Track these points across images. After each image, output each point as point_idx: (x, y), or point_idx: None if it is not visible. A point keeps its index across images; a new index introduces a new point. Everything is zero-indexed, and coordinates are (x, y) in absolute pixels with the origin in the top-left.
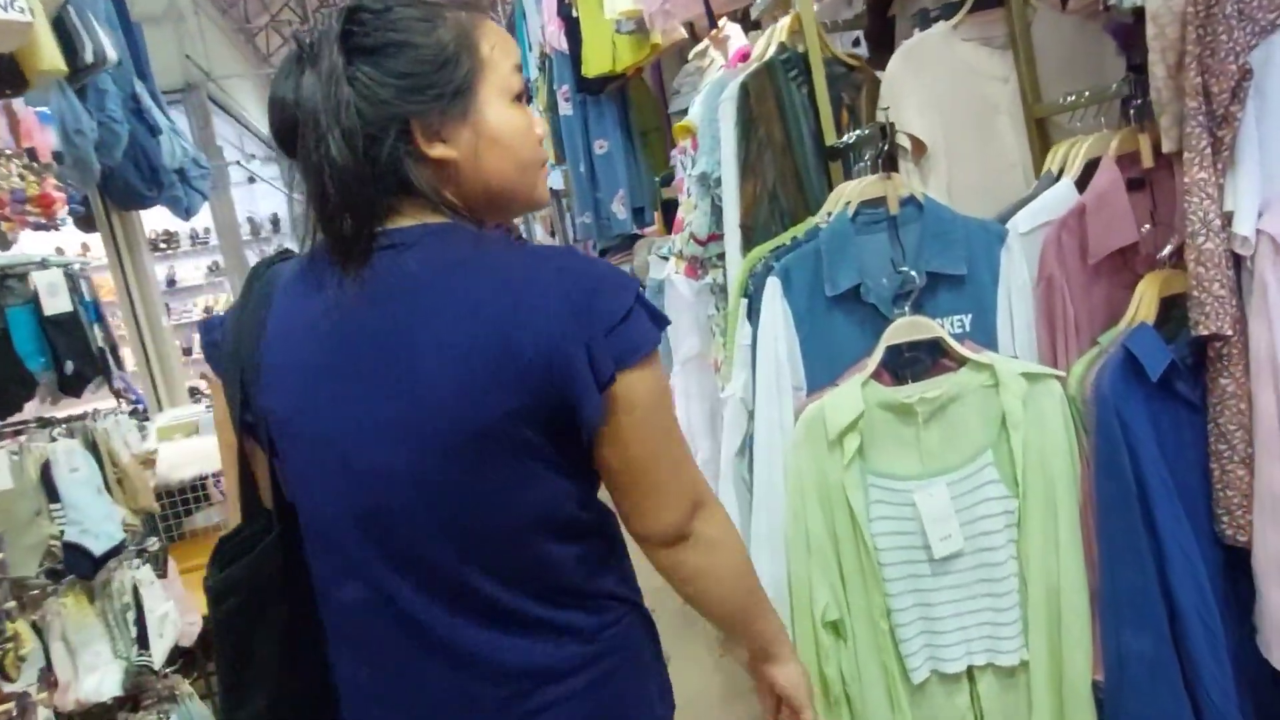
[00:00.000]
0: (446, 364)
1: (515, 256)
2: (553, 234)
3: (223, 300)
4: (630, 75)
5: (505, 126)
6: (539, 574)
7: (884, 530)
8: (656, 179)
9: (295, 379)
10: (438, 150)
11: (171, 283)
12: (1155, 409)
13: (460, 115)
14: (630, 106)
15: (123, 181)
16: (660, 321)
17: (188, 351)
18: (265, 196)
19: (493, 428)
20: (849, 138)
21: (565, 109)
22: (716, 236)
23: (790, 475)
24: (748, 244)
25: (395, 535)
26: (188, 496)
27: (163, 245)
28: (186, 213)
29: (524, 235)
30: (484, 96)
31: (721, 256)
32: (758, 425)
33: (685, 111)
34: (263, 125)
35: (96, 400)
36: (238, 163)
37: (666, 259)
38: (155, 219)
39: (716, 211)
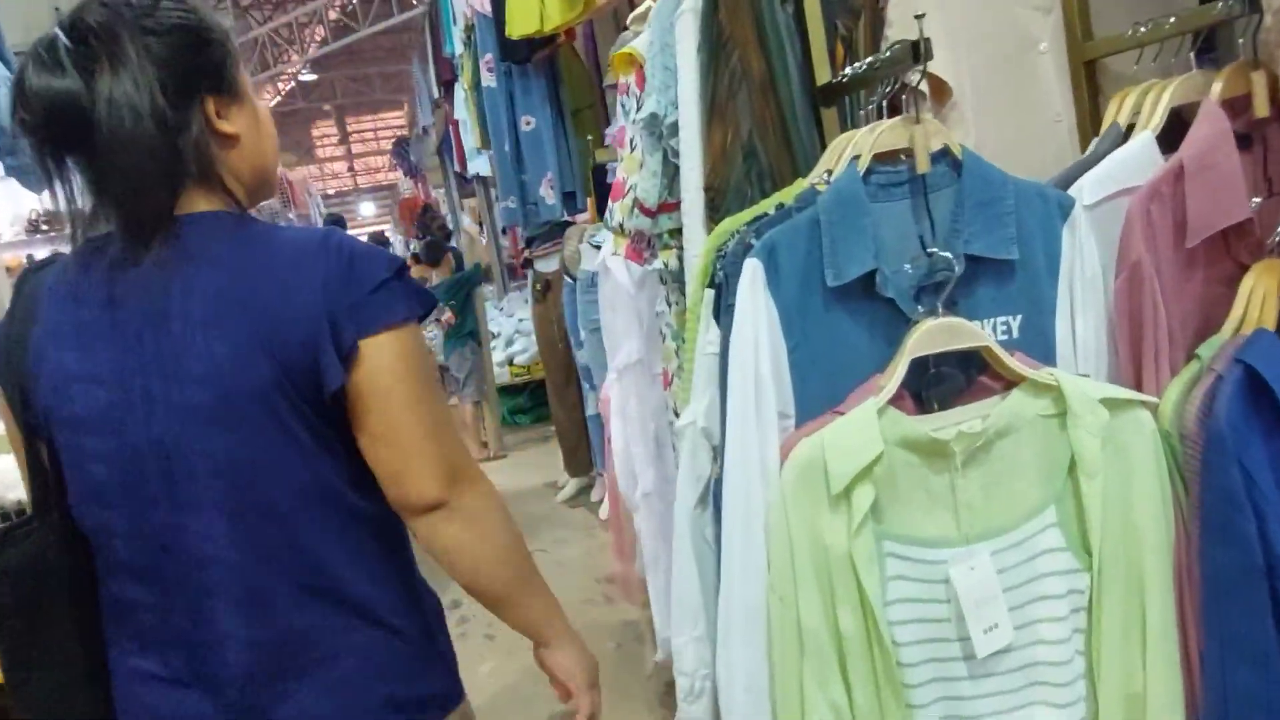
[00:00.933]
0: (215, 338)
1: (282, 236)
2: (481, 223)
3: None
4: (561, 41)
5: (264, 111)
6: (300, 557)
7: (905, 618)
8: (590, 158)
9: (67, 374)
10: (227, 126)
11: None
12: (1276, 449)
13: (238, 96)
14: (560, 80)
15: None
16: (423, 300)
17: None
18: None
19: (255, 395)
20: (858, 68)
21: (488, 80)
22: (671, 206)
23: (775, 541)
24: (714, 214)
25: (164, 511)
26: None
27: (45, 227)
28: (39, 185)
29: (448, 225)
30: (245, 80)
31: (676, 233)
32: (727, 468)
33: None
34: None
35: None
36: None
37: (600, 248)
38: (35, 197)
39: (671, 171)
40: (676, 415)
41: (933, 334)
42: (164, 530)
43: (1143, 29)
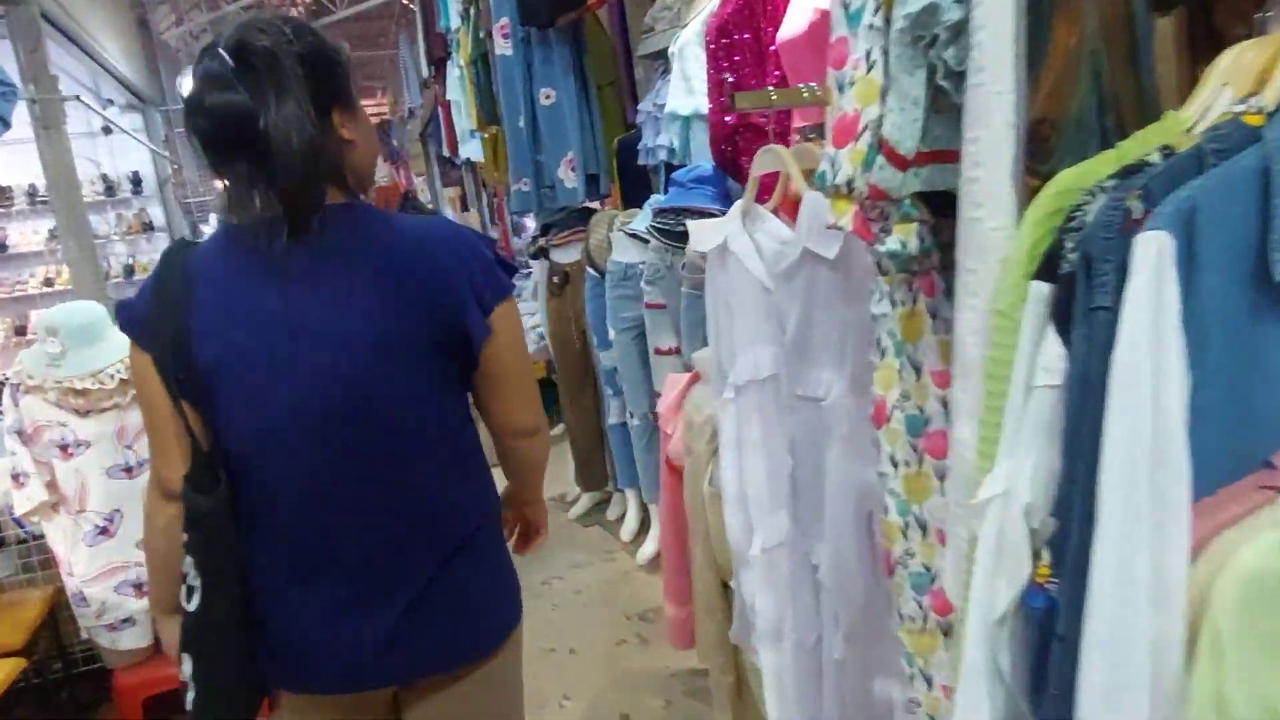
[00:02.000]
0: (371, 305)
1: (411, 222)
2: (465, 209)
3: (65, 273)
4: (590, 5)
5: (367, 118)
6: (440, 463)
7: None
8: (614, 141)
9: (233, 333)
10: (347, 133)
11: (1, 248)
12: None
13: (354, 109)
14: (585, 50)
15: None
16: (509, 270)
17: (20, 331)
18: (125, 152)
19: (408, 352)
20: None
21: (503, 48)
22: (933, 156)
23: (1194, 701)
24: (1042, 160)
25: (329, 435)
26: None
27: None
28: None
29: (439, 213)
30: (355, 93)
31: (920, 200)
32: (1095, 573)
33: (659, 55)
34: (120, 63)
35: None
36: (77, 98)
37: (638, 237)
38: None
39: (945, 108)
40: (894, 465)
41: None
42: (322, 470)
43: None
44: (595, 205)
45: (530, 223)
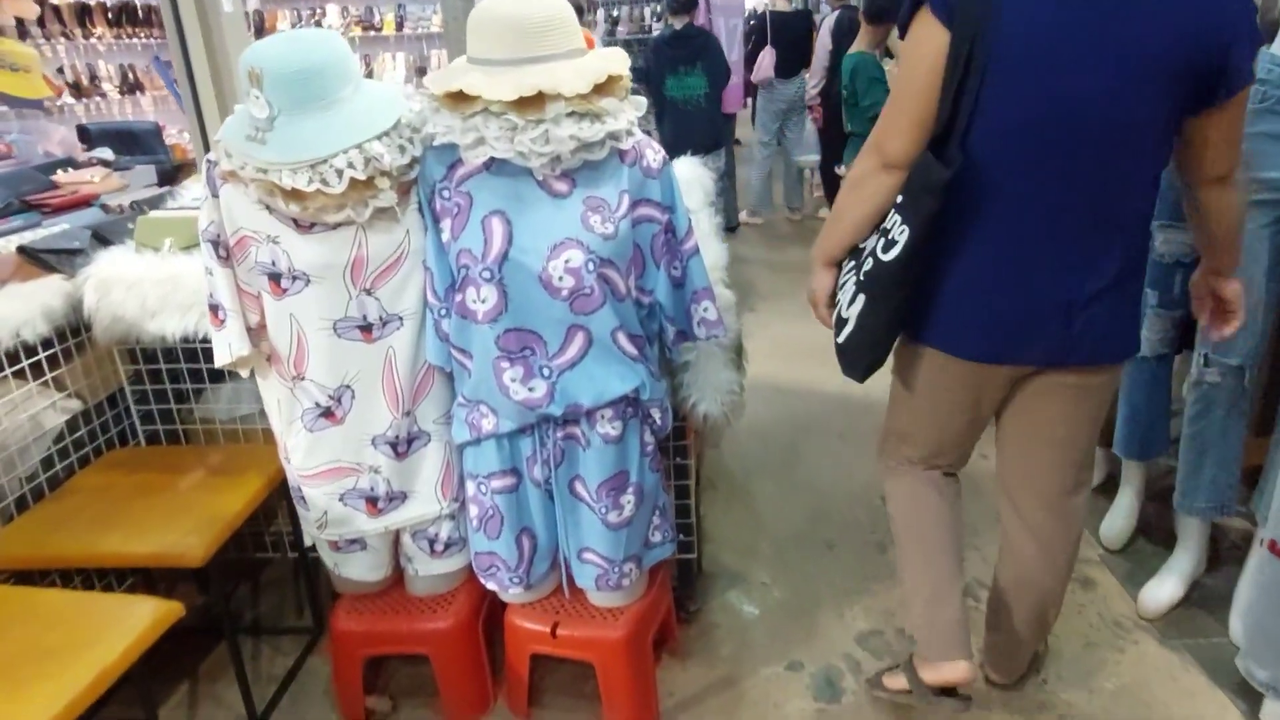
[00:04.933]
0: (1162, 24)
1: None
2: None
3: (437, 14)
4: None
5: None
6: (1141, 201)
7: None
8: None
9: (1033, 25)
10: None
11: None
12: None
13: None
14: None
15: None
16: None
17: (421, 71)
18: None
19: (1169, 75)
20: None
21: None
22: None
23: None
24: None
25: (1076, 137)
26: (180, 367)
27: None
28: None
29: None
30: None
31: None
32: None
33: None
34: None
35: None
36: None
37: None
38: None
39: None
40: None
41: None
42: (1059, 169)
43: None
44: None
45: None
